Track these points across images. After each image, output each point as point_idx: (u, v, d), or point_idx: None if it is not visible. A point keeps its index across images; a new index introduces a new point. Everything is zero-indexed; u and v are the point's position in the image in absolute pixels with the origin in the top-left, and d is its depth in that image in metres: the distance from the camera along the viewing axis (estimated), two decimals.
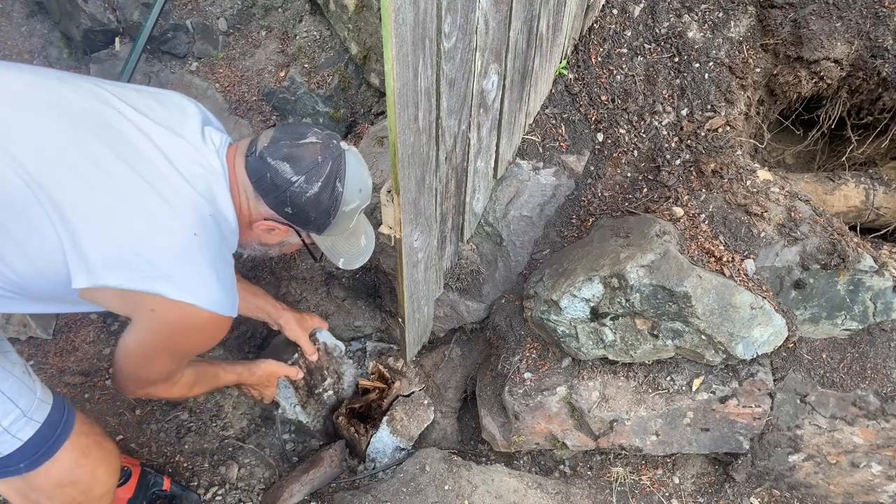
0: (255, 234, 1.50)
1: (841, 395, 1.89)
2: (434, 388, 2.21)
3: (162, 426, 2.07)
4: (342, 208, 1.44)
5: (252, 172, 1.40)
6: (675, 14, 2.19)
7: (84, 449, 1.44)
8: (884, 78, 2.13)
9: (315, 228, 1.47)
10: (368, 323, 2.35)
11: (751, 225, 1.84)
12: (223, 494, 1.95)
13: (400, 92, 1.19)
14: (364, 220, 1.64)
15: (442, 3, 1.21)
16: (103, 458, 1.50)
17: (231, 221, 1.40)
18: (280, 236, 1.50)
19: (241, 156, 1.42)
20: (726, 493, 2.08)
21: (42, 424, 1.36)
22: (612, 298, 1.74)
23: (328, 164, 1.40)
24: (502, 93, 1.74)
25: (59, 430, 1.39)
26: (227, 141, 1.45)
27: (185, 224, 1.29)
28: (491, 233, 2.08)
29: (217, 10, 2.58)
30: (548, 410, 1.92)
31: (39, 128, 1.23)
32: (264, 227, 1.46)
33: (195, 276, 1.30)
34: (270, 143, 1.40)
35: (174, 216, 1.28)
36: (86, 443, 1.45)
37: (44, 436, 1.36)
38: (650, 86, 2.15)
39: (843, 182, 2.30)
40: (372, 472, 2.05)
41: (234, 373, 1.87)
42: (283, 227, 1.46)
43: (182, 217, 1.29)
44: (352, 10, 2.38)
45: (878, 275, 1.81)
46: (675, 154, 2.09)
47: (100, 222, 1.22)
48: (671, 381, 1.90)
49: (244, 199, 1.43)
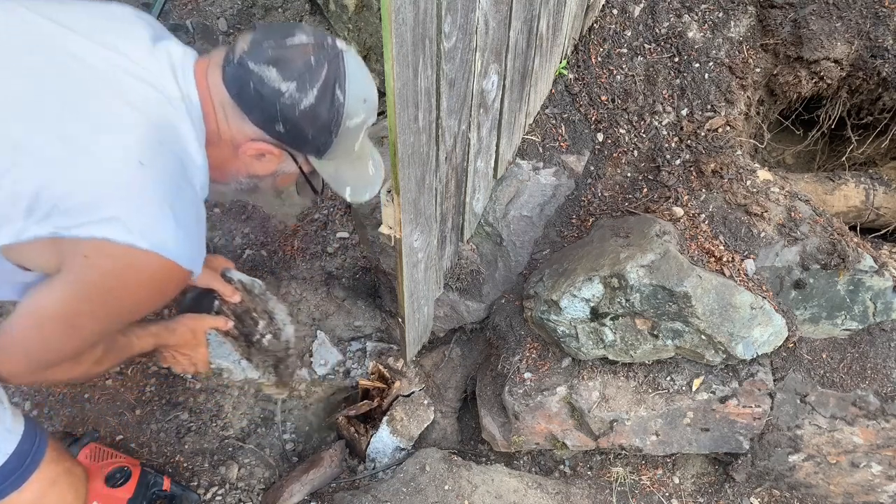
0: (242, 163, 1.23)
1: (841, 395, 1.88)
2: (434, 388, 2.21)
3: (162, 426, 2.07)
4: (345, 123, 1.17)
5: (231, 83, 1.13)
6: (675, 14, 2.19)
7: (53, 478, 1.38)
8: (884, 78, 2.13)
9: (313, 150, 1.21)
10: (368, 323, 2.35)
11: (751, 225, 1.84)
12: (223, 494, 1.95)
13: (400, 92, 1.19)
14: (370, 143, 1.36)
15: (442, 3, 1.21)
16: (71, 484, 1.43)
17: (195, 156, 1.14)
18: (273, 164, 1.23)
19: (215, 67, 1.16)
20: (726, 493, 2.08)
21: (10, 456, 1.29)
22: (612, 298, 1.74)
23: (324, 68, 1.13)
24: (502, 93, 1.74)
25: (28, 461, 1.31)
26: (190, 55, 1.19)
27: (129, 153, 1.04)
28: (491, 233, 2.08)
29: (217, 10, 2.58)
30: (548, 410, 1.92)
31: None
32: (253, 152, 1.20)
33: (144, 215, 1.04)
34: (251, 46, 1.13)
35: (113, 145, 1.04)
36: (55, 471, 1.38)
37: (12, 468, 1.29)
38: (650, 86, 2.15)
39: (843, 182, 2.30)
40: (372, 472, 2.05)
41: (150, 334, 1.49)
42: (276, 150, 1.20)
43: (124, 145, 1.04)
44: (352, 10, 2.38)
45: (878, 275, 1.81)
46: (675, 154, 2.09)
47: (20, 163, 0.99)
48: (671, 381, 1.90)
49: (222, 119, 1.17)
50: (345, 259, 2.45)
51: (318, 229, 2.50)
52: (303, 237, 2.48)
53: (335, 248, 2.47)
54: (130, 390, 2.13)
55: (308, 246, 2.47)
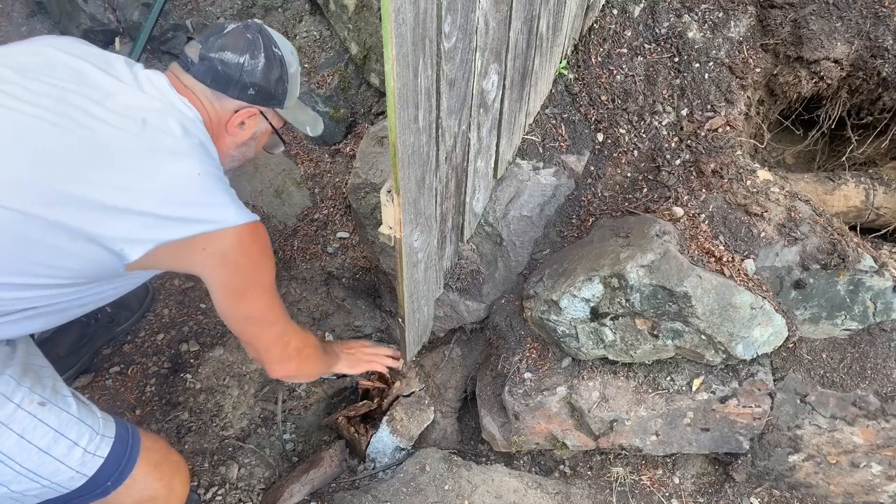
0: (231, 139, 1.54)
1: (841, 395, 1.89)
2: (434, 388, 2.21)
3: (162, 426, 2.07)
4: (289, 70, 1.53)
5: (203, 76, 1.44)
6: (675, 14, 2.19)
7: (156, 463, 1.45)
8: (884, 78, 2.13)
9: (277, 102, 1.55)
10: (368, 323, 2.35)
11: (751, 225, 1.84)
12: (223, 494, 1.95)
13: (400, 92, 1.19)
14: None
15: (442, 3, 1.21)
16: (175, 470, 1.51)
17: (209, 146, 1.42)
18: (251, 127, 1.55)
19: (182, 73, 1.47)
20: (726, 493, 2.08)
21: (114, 440, 1.36)
22: (612, 298, 1.74)
23: (259, 38, 1.48)
24: (502, 93, 1.74)
25: (130, 446, 1.40)
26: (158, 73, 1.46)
27: (190, 165, 1.31)
28: (491, 233, 2.08)
29: (217, 10, 2.58)
30: (548, 410, 1.92)
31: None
32: (237, 121, 1.50)
33: (220, 205, 1.32)
34: (202, 45, 1.46)
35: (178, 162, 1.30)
36: (156, 458, 1.45)
37: (118, 452, 1.37)
38: (650, 86, 2.15)
39: (843, 182, 2.30)
40: (372, 472, 2.05)
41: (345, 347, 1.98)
42: (252, 111, 1.51)
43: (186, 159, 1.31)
44: (352, 10, 2.38)
45: (878, 275, 1.81)
46: (675, 154, 2.09)
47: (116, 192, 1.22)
48: (671, 381, 1.90)
49: (209, 107, 1.46)
50: (345, 259, 2.45)
51: (318, 229, 2.50)
52: (303, 237, 2.48)
53: (335, 248, 2.47)
54: (130, 390, 2.13)
55: (308, 246, 2.47)
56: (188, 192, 1.29)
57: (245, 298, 1.44)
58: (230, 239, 1.33)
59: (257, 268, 1.43)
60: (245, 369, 2.20)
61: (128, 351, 2.22)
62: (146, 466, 1.41)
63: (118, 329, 2.21)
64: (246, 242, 1.36)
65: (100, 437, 1.34)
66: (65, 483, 1.30)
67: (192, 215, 1.28)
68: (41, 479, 1.27)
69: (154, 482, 1.43)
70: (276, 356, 1.58)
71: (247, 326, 1.50)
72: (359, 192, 2.06)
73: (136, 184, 1.24)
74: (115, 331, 2.21)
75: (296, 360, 1.62)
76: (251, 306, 1.46)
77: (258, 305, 1.47)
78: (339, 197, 2.53)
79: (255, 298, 1.45)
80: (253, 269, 1.42)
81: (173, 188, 1.27)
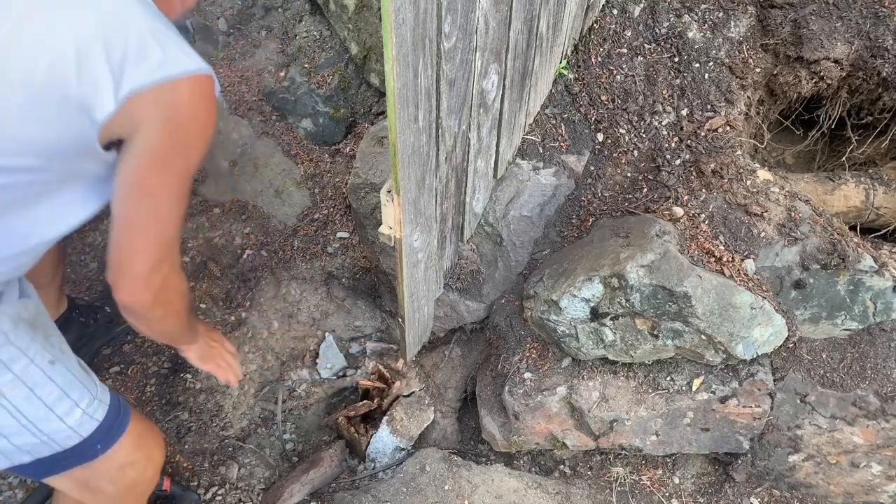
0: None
1: (841, 395, 1.89)
2: (434, 388, 2.21)
3: (162, 426, 2.07)
4: None
5: None
6: (675, 14, 2.19)
7: (140, 433, 1.49)
8: (884, 78, 2.13)
9: None
10: (368, 323, 2.35)
11: (751, 225, 1.84)
12: (223, 494, 1.95)
13: (400, 92, 1.19)
14: None
15: (442, 3, 1.21)
16: (156, 443, 1.55)
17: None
18: None
19: None
20: (726, 493, 2.08)
21: (109, 407, 1.40)
22: (612, 298, 1.74)
23: None
24: (502, 93, 1.74)
25: (122, 414, 1.43)
26: None
27: (131, 3, 1.12)
28: (491, 233, 2.08)
29: (217, 10, 2.58)
30: (548, 410, 1.92)
31: None
32: None
33: (179, 45, 1.15)
34: None
35: (118, 3, 1.11)
36: (140, 428, 1.50)
37: (112, 417, 1.40)
38: (650, 86, 2.15)
39: (843, 182, 2.30)
40: (372, 472, 2.05)
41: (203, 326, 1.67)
42: None
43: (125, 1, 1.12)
44: (352, 10, 2.39)
45: (878, 275, 1.81)
46: (675, 154, 2.10)
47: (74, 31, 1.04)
48: (671, 381, 1.90)
49: None
50: (345, 259, 2.45)
51: (318, 229, 2.50)
52: (303, 237, 2.48)
53: (335, 248, 2.47)
54: (130, 390, 2.13)
55: (308, 246, 2.47)
56: (146, 26, 1.10)
57: (161, 171, 1.18)
58: (184, 89, 1.14)
59: (193, 141, 1.22)
60: (245, 369, 2.20)
61: (128, 351, 2.22)
62: (133, 435, 1.45)
63: (118, 329, 2.21)
64: (204, 99, 1.18)
65: (97, 401, 1.37)
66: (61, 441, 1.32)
67: (155, 59, 1.09)
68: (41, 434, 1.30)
69: (136, 451, 1.47)
70: (137, 272, 1.22)
71: (133, 215, 1.20)
72: (359, 192, 2.06)
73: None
74: (115, 331, 2.21)
75: (154, 295, 1.28)
76: (159, 186, 1.18)
77: (165, 192, 1.20)
78: (339, 197, 2.53)
79: (169, 175, 1.19)
80: (189, 141, 1.21)
81: (134, 23, 1.08)
